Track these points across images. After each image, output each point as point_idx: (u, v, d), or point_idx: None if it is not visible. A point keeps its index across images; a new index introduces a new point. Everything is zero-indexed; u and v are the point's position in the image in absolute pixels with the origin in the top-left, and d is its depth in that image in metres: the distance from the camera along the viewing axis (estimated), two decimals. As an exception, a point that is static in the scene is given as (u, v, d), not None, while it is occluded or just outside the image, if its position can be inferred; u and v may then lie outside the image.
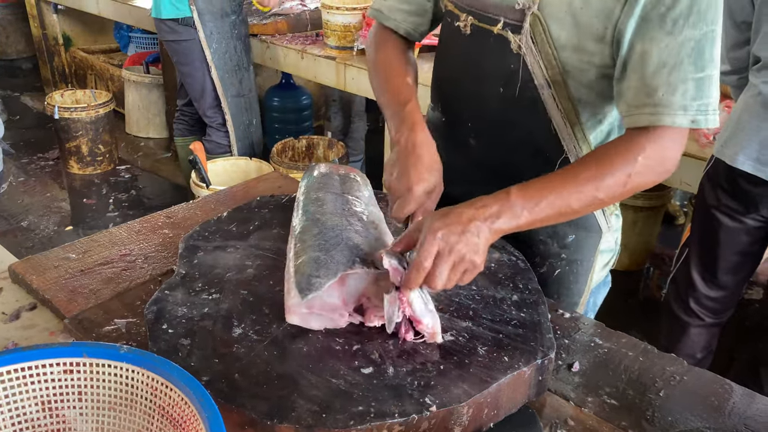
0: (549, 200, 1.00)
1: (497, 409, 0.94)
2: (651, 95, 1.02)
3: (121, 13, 4.29)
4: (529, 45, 1.11)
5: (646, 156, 1.02)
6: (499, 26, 1.14)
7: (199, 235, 1.23)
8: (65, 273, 1.23)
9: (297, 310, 0.98)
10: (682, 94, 1.01)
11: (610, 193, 1.03)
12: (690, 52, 1.00)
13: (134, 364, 0.79)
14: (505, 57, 1.15)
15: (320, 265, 0.98)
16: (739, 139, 1.88)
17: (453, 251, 0.94)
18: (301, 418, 0.83)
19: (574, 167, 1.06)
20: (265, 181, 1.63)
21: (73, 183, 4.17)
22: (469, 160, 1.30)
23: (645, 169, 1.03)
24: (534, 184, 1.02)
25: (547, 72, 1.13)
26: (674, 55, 1.00)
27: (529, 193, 1.00)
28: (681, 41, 1.00)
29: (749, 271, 2.10)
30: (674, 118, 1.01)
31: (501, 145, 1.24)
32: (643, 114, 1.03)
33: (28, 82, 5.74)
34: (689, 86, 1.01)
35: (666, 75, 1.01)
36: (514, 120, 1.20)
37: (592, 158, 1.06)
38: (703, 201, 2.05)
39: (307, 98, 4.13)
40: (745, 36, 1.97)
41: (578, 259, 1.32)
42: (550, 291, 1.32)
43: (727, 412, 1.00)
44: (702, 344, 2.19)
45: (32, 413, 0.80)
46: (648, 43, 1.02)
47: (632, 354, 1.11)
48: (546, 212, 1.01)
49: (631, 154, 1.03)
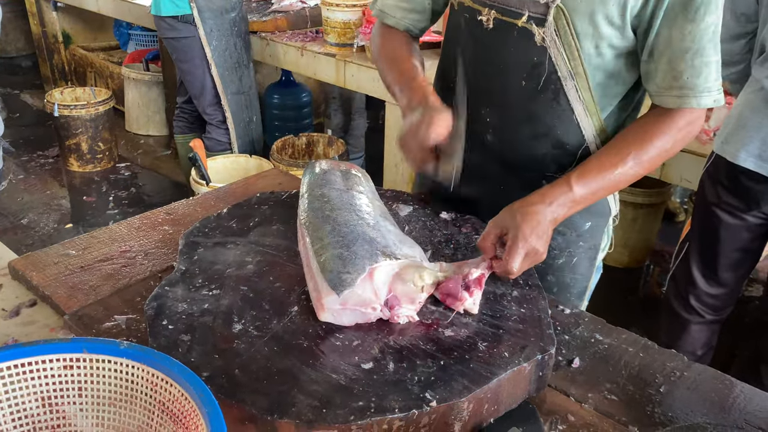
0: (602, 184, 1.15)
1: (497, 405, 0.94)
2: (677, 78, 1.12)
3: (121, 11, 4.29)
4: (553, 37, 1.15)
5: (679, 130, 1.15)
6: (524, 19, 1.16)
7: (199, 231, 1.23)
8: (65, 269, 1.23)
9: (332, 307, 0.98)
10: (705, 77, 1.11)
11: (649, 168, 1.17)
12: (711, 37, 1.10)
13: (134, 359, 0.79)
14: (529, 50, 1.18)
15: (346, 261, 0.99)
16: (741, 136, 1.87)
17: (537, 253, 1.09)
18: (301, 414, 0.83)
19: (619, 151, 1.16)
20: (265, 178, 1.63)
21: (73, 180, 4.17)
22: (485, 158, 1.30)
23: (678, 144, 1.16)
24: (589, 171, 1.15)
25: (570, 63, 1.16)
26: (697, 40, 1.09)
27: (588, 181, 1.14)
28: (703, 27, 1.08)
29: (749, 267, 2.10)
30: (699, 99, 1.12)
31: (521, 139, 1.26)
32: (671, 96, 1.14)
33: (28, 80, 5.74)
34: (712, 69, 1.11)
35: (690, 59, 1.10)
36: (535, 113, 1.23)
37: (632, 138, 1.16)
38: (704, 198, 2.04)
39: (307, 95, 4.12)
40: (743, 28, 1.96)
41: (593, 245, 1.37)
42: (565, 279, 1.36)
43: (727, 408, 1.00)
44: (702, 341, 2.19)
45: (32, 409, 0.80)
46: (673, 29, 1.09)
47: (632, 350, 1.11)
48: (599, 195, 1.17)
49: (667, 131, 1.14)
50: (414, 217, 1.32)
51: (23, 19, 5.55)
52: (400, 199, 1.38)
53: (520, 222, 1.08)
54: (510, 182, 1.29)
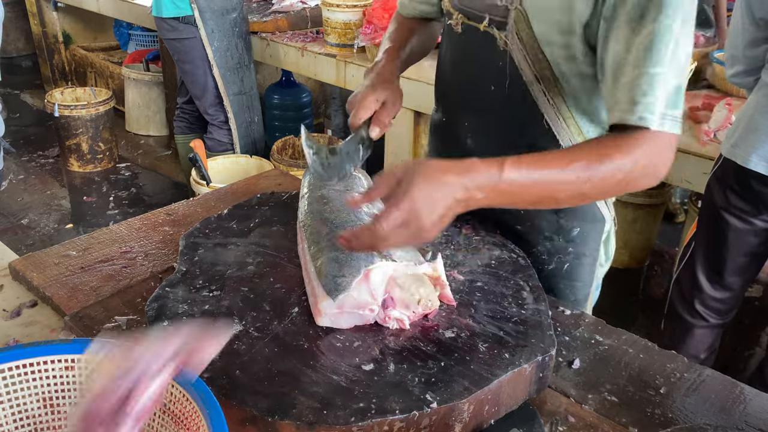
0: (538, 179, 0.94)
1: (498, 406, 0.94)
2: (615, 93, 1.00)
3: (121, 11, 4.29)
4: (515, 41, 1.12)
5: (643, 153, 0.97)
6: (485, 23, 1.15)
7: (200, 232, 1.23)
8: (66, 270, 1.23)
9: (328, 312, 0.98)
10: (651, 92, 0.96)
11: (605, 186, 0.98)
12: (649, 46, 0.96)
13: (135, 360, 0.79)
14: (493, 54, 1.16)
15: (342, 264, 0.98)
16: (752, 140, 1.85)
17: (418, 222, 0.88)
18: (302, 415, 0.83)
19: (570, 151, 1.00)
20: (265, 179, 1.63)
21: (73, 181, 4.17)
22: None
23: (642, 168, 0.98)
24: (528, 160, 0.94)
25: (534, 67, 1.12)
26: (635, 51, 0.97)
27: (522, 169, 0.93)
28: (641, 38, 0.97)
29: (755, 271, 2.09)
30: (657, 119, 0.97)
31: (497, 143, 1.22)
32: (614, 112, 1.00)
33: (28, 80, 5.74)
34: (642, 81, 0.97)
35: (630, 72, 0.98)
36: (506, 117, 1.21)
37: (591, 147, 0.99)
38: (711, 202, 2.02)
39: (307, 96, 4.13)
40: (763, 34, 1.91)
41: (585, 252, 1.32)
42: (561, 286, 1.33)
43: (728, 410, 1.00)
44: (706, 345, 2.18)
45: (33, 410, 0.80)
46: (616, 43, 1.00)
47: (633, 351, 1.11)
48: (529, 199, 0.96)
49: (630, 152, 0.97)
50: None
51: (23, 19, 5.56)
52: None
53: (420, 181, 0.88)
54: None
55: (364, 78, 1.27)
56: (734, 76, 2.06)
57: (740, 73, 2.02)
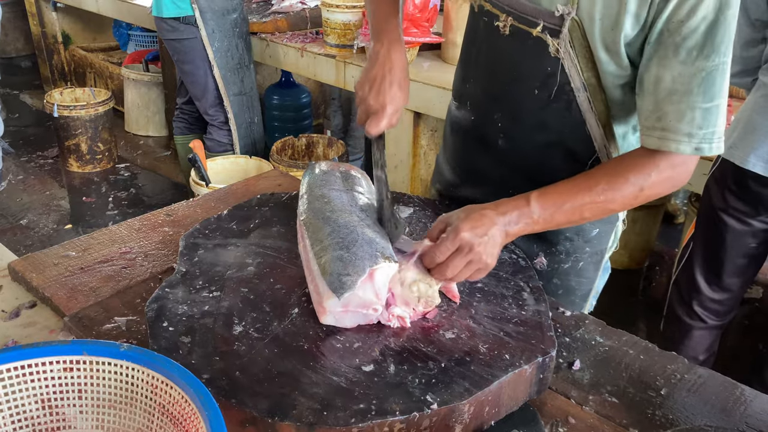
0: (564, 209, 1.07)
1: (498, 407, 0.94)
2: (661, 119, 1.06)
3: (121, 11, 4.29)
4: (568, 49, 1.13)
5: (660, 172, 1.07)
6: (538, 29, 1.14)
7: (200, 232, 1.23)
8: (65, 271, 1.23)
9: (332, 311, 0.98)
10: (689, 122, 1.04)
11: (622, 204, 1.10)
12: (701, 83, 1.03)
13: (134, 362, 0.79)
14: (543, 59, 1.16)
15: (346, 263, 0.98)
16: (750, 140, 1.84)
17: (473, 251, 1.01)
18: (302, 416, 0.83)
19: (590, 178, 1.10)
20: (265, 179, 1.63)
21: (73, 181, 4.17)
22: (496, 161, 1.30)
23: (655, 184, 1.08)
24: (552, 193, 1.08)
25: (583, 75, 1.14)
26: (686, 83, 1.03)
27: (548, 202, 1.07)
28: (693, 71, 1.03)
29: (754, 273, 2.08)
30: (678, 144, 1.05)
31: (531, 146, 1.25)
32: (652, 137, 1.07)
33: (28, 80, 5.73)
34: (696, 115, 1.04)
35: (676, 102, 1.04)
36: (547, 122, 1.21)
37: (608, 170, 1.11)
38: (709, 203, 2.01)
39: (307, 96, 4.12)
40: (759, 34, 1.91)
41: (598, 250, 1.36)
42: (570, 283, 1.36)
43: (728, 411, 1.00)
44: (705, 346, 2.18)
45: (32, 411, 0.80)
46: (662, 69, 1.05)
47: (633, 352, 1.11)
48: (559, 220, 1.08)
49: (645, 169, 1.07)
50: (414, 218, 1.32)
51: (23, 19, 5.56)
52: (401, 200, 1.38)
53: (463, 217, 1.03)
54: (520, 188, 1.26)
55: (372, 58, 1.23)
56: (732, 76, 2.05)
57: (738, 74, 2.02)
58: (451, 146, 1.43)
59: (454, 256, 1.01)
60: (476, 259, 1.01)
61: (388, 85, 1.18)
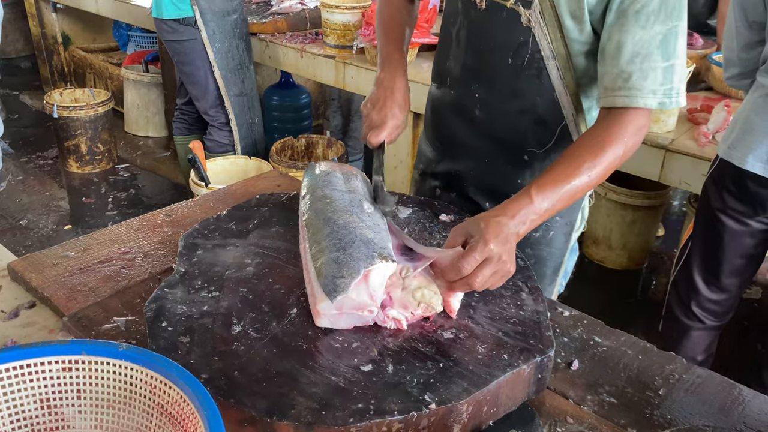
0: (562, 193, 1.13)
1: (496, 407, 0.94)
2: (627, 80, 1.16)
3: (120, 12, 4.29)
4: (538, 19, 1.23)
5: (630, 136, 1.17)
6: (512, 1, 1.25)
7: (199, 233, 1.23)
8: (64, 271, 1.23)
9: (327, 313, 0.98)
10: (652, 80, 1.16)
11: (608, 171, 1.18)
12: (658, 44, 1.15)
13: (133, 361, 0.79)
14: (516, 30, 1.27)
15: (341, 265, 0.98)
16: (748, 141, 1.85)
17: (500, 260, 1.03)
18: (300, 416, 0.83)
19: (574, 159, 1.16)
20: (264, 180, 1.63)
21: (72, 182, 4.17)
22: (474, 132, 1.40)
23: (630, 150, 1.18)
24: (547, 182, 1.13)
25: (552, 44, 1.25)
26: (646, 46, 1.15)
27: (547, 192, 1.12)
28: (652, 35, 1.15)
29: (752, 273, 2.08)
30: (645, 100, 1.16)
31: (506, 114, 1.35)
32: (619, 96, 1.17)
33: (27, 81, 5.74)
34: (657, 73, 1.16)
35: (639, 63, 1.16)
36: (519, 89, 1.32)
37: (587, 147, 1.17)
38: (708, 204, 2.01)
39: (306, 97, 4.13)
40: (757, 36, 1.91)
41: (568, 220, 1.45)
42: (542, 253, 1.45)
43: (726, 411, 1.00)
44: (703, 347, 2.18)
45: (31, 411, 0.80)
46: (624, 34, 1.16)
47: (631, 352, 1.11)
48: (561, 205, 1.14)
49: (619, 137, 1.17)
50: (413, 219, 1.32)
51: (23, 20, 5.56)
52: (400, 201, 1.38)
53: (483, 228, 1.05)
54: (495, 156, 1.40)
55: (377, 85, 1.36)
56: (730, 78, 2.06)
57: (736, 76, 2.03)
58: (431, 125, 1.55)
59: (482, 267, 1.01)
60: (502, 268, 1.03)
61: (390, 105, 1.32)
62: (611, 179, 3.10)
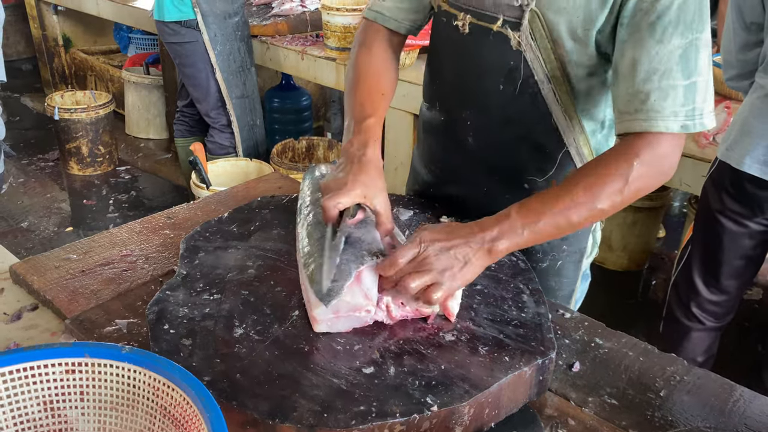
0: (548, 216, 1.02)
1: (498, 409, 0.94)
2: (644, 102, 1.04)
3: (121, 14, 4.30)
4: (529, 41, 1.13)
5: (642, 161, 1.03)
6: (498, 24, 1.15)
7: (200, 235, 1.23)
8: (66, 273, 1.23)
9: (323, 319, 0.98)
10: (672, 100, 1.03)
11: (610, 202, 1.03)
12: (678, 60, 1.02)
13: (136, 364, 0.79)
14: (505, 54, 1.16)
15: (332, 268, 0.99)
16: (746, 143, 1.85)
17: (425, 263, 0.97)
18: (302, 418, 0.83)
19: (569, 182, 1.05)
20: (265, 182, 1.64)
21: (73, 184, 4.18)
22: (468, 159, 1.31)
23: (642, 174, 1.03)
24: (533, 202, 1.04)
25: (546, 67, 1.15)
26: (664, 62, 1.02)
27: (529, 212, 1.02)
28: (670, 49, 1.02)
29: (752, 275, 2.09)
30: (666, 123, 1.03)
31: (501, 142, 1.25)
32: (636, 120, 1.05)
33: (28, 83, 5.75)
34: (678, 92, 1.03)
35: (657, 81, 1.03)
36: (513, 116, 1.21)
37: (588, 170, 1.07)
38: (707, 205, 2.02)
39: (307, 99, 4.13)
40: (755, 37, 1.92)
41: (577, 249, 1.35)
42: (550, 283, 1.35)
43: (727, 412, 1.00)
44: (703, 348, 2.18)
45: (34, 413, 0.80)
46: (639, 50, 1.04)
47: (632, 354, 1.11)
48: (546, 229, 1.03)
49: (626, 160, 1.03)
50: (414, 221, 1.32)
51: (24, 22, 5.57)
52: (401, 203, 1.38)
53: (430, 228, 1.00)
54: (492, 185, 1.29)
55: (342, 155, 1.13)
56: (729, 79, 2.07)
57: (735, 77, 2.03)
58: (425, 147, 1.45)
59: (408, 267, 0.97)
60: (426, 271, 0.96)
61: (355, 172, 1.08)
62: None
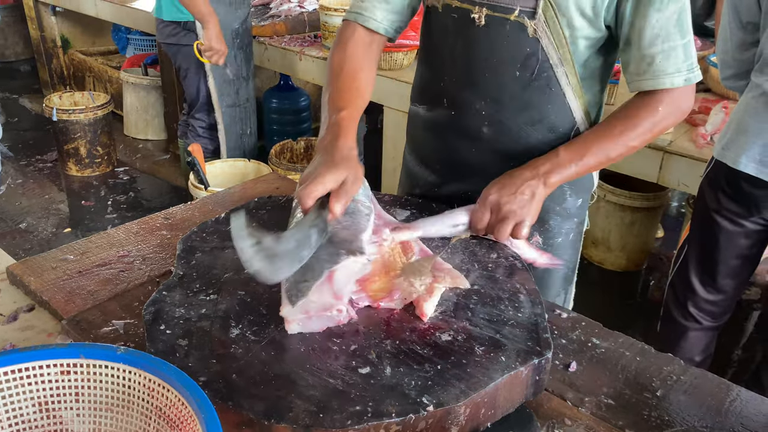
0: (591, 153, 1.24)
1: (494, 409, 0.94)
2: (651, 63, 1.22)
3: (119, 15, 4.30)
4: (544, 28, 1.23)
5: (665, 106, 1.24)
6: (516, 14, 1.24)
7: (197, 236, 1.23)
8: (63, 274, 1.23)
9: (293, 318, 0.98)
10: (674, 59, 1.21)
11: (641, 140, 1.26)
12: (675, 23, 1.20)
13: (131, 365, 0.79)
14: (522, 42, 1.26)
15: (306, 268, 0.98)
16: (742, 142, 1.85)
17: (502, 212, 1.18)
18: (298, 418, 0.83)
19: (606, 125, 1.27)
20: (263, 182, 1.64)
21: (72, 185, 4.18)
22: (480, 152, 1.37)
23: (666, 118, 1.25)
24: (577, 142, 1.26)
25: (559, 51, 1.25)
26: (664, 27, 1.19)
27: (575, 150, 1.24)
28: (668, 15, 1.19)
29: (748, 274, 2.09)
30: (672, 79, 1.22)
31: (516, 127, 1.34)
32: (646, 80, 1.23)
33: (27, 84, 5.75)
34: (679, 52, 1.21)
35: (660, 45, 1.20)
36: (530, 100, 1.31)
37: (620, 115, 1.27)
38: (704, 205, 2.02)
39: (305, 99, 4.13)
40: (751, 37, 1.92)
41: (582, 220, 1.48)
42: (564, 257, 1.46)
43: (723, 412, 1.00)
44: (701, 347, 2.18)
45: (29, 414, 0.80)
46: (642, 20, 1.20)
47: (629, 354, 1.11)
48: (589, 163, 1.25)
49: (651, 107, 1.24)
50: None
51: (22, 23, 5.57)
52: (398, 203, 1.38)
53: (492, 184, 1.21)
54: (501, 171, 1.32)
55: (316, 152, 1.13)
56: (726, 79, 2.07)
57: (731, 77, 2.03)
58: (428, 147, 1.47)
59: (491, 221, 1.18)
60: (510, 215, 1.17)
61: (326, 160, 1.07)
62: (610, 181, 3.12)
